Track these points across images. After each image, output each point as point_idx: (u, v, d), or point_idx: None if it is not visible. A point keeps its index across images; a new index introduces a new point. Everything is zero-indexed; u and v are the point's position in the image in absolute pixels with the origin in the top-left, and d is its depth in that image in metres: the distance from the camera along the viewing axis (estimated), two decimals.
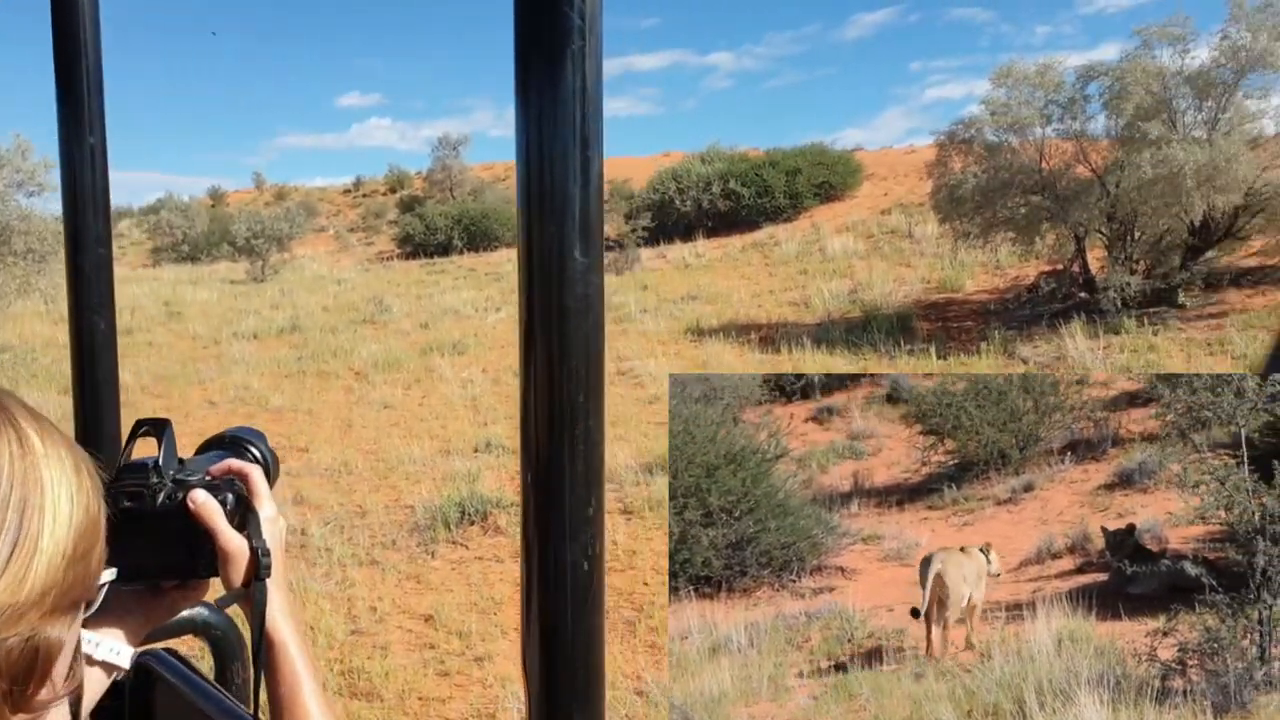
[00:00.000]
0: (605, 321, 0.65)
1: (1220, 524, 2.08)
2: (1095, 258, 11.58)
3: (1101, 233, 11.02)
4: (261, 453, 0.93)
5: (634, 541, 5.06)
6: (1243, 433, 2.06)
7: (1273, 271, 10.71)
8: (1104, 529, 2.53)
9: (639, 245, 20.94)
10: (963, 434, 3.64)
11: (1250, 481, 1.88)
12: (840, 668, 2.45)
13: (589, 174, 0.62)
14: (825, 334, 11.21)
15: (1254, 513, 1.83)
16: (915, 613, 2.43)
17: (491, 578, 4.66)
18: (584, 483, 0.64)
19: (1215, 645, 1.74)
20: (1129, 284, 9.90)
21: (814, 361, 9.62)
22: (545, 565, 0.64)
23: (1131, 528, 2.44)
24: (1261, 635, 1.76)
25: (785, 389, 4.76)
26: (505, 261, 24.38)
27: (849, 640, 2.52)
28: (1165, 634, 1.87)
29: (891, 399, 4.34)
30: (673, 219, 24.28)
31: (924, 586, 2.38)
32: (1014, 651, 2.18)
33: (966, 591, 2.38)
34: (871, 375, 5.65)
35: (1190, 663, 1.79)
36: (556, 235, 0.61)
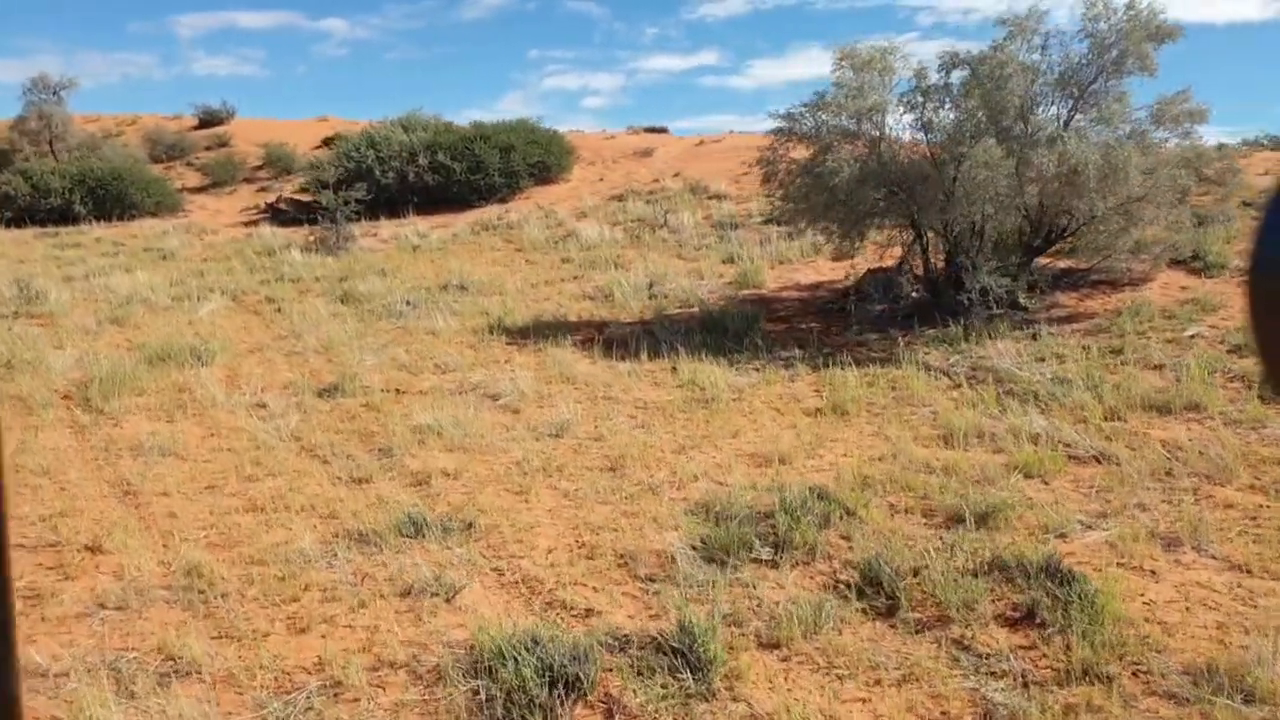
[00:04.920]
0: None
1: None
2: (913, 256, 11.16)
3: (936, 230, 10.56)
4: None
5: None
6: None
7: (1085, 274, 10.89)
8: None
9: (349, 221, 17.92)
10: None
11: None
12: None
13: None
14: (672, 335, 9.67)
15: None
16: None
17: None
18: None
19: None
20: (997, 284, 9.46)
21: (710, 373, 8.05)
22: None
23: None
24: None
25: None
26: (164, 233, 19.99)
27: None
28: None
29: None
30: (371, 192, 21.34)
31: None
32: None
33: None
34: None
35: None
36: None
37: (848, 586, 4.01)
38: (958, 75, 9.57)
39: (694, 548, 4.41)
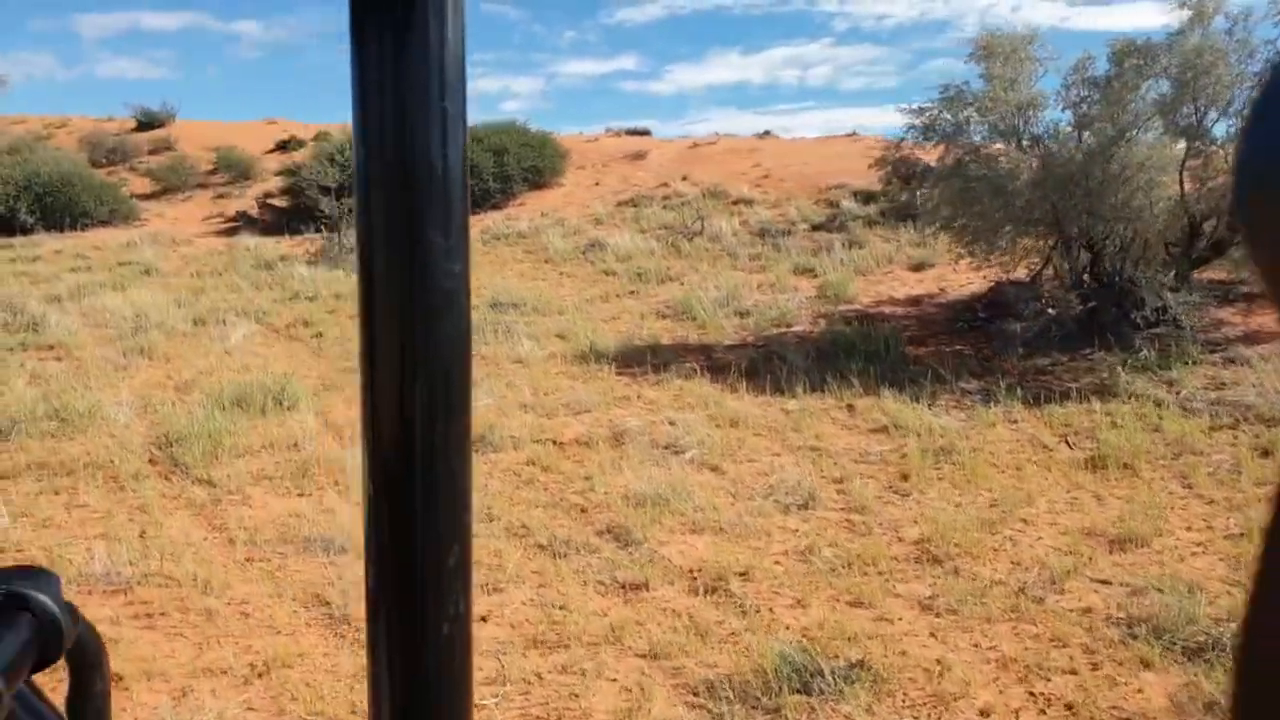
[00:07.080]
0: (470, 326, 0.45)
1: None
2: (1026, 267, 10.09)
3: (1080, 239, 9.49)
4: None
5: None
6: None
7: (1236, 285, 9.95)
8: None
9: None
10: None
11: None
12: None
13: (449, 135, 0.42)
14: (805, 360, 8.40)
15: None
16: None
17: None
18: (445, 529, 0.45)
19: None
20: (1179, 302, 8.41)
21: (902, 413, 6.77)
22: (392, 637, 0.45)
23: None
24: None
25: None
26: (129, 244, 17.89)
27: None
28: None
29: None
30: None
31: None
32: None
33: None
34: None
35: None
36: (407, 215, 0.42)
37: None
38: (1130, 65, 8.48)
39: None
